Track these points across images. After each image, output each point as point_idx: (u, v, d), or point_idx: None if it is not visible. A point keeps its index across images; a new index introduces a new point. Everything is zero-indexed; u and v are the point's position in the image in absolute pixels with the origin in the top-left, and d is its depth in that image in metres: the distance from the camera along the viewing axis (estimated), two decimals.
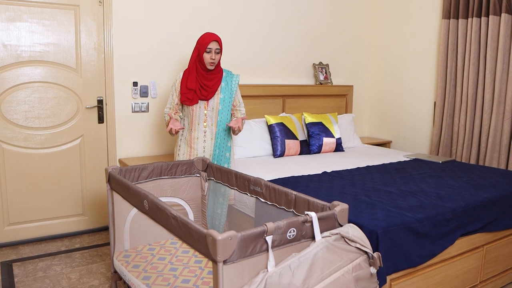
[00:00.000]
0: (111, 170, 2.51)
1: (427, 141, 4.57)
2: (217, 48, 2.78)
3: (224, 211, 2.92)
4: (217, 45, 2.78)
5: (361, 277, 1.74)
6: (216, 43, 2.78)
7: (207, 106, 2.89)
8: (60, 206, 3.51)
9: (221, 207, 2.92)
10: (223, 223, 2.93)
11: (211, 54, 2.77)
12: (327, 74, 4.70)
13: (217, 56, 2.80)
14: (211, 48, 2.77)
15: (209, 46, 2.76)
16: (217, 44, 2.78)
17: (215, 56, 2.78)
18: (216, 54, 2.79)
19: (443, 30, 4.17)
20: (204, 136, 2.91)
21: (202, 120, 2.90)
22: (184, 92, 2.83)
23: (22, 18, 3.19)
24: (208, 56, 2.78)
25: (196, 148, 2.92)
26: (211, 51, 2.77)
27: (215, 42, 2.77)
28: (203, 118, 2.90)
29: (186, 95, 2.83)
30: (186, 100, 2.84)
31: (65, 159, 3.47)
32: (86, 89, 3.49)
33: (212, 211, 2.93)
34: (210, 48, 2.76)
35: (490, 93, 3.86)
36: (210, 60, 2.78)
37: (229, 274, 1.50)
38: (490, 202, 2.51)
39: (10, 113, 3.23)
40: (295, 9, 4.44)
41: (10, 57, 3.19)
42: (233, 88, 2.96)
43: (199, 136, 2.91)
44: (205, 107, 2.89)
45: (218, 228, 2.92)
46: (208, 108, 2.89)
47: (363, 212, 2.20)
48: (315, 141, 3.93)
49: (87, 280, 2.82)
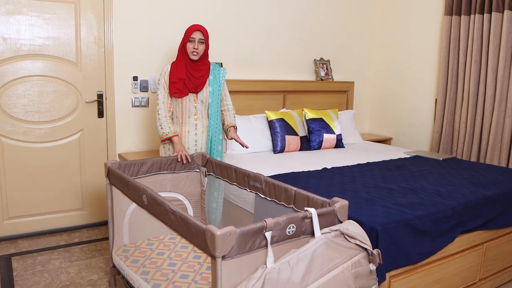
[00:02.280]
0: (110, 164, 2.50)
1: (427, 138, 4.56)
2: (200, 38, 2.76)
3: (219, 205, 2.92)
4: (201, 35, 2.76)
5: (360, 274, 1.74)
6: (199, 33, 2.76)
7: (196, 99, 2.87)
8: (59, 201, 3.50)
9: (216, 201, 2.91)
10: (219, 218, 2.93)
11: (193, 43, 2.76)
12: (328, 70, 4.68)
13: (201, 47, 2.78)
14: (194, 37, 2.75)
15: (192, 35, 2.74)
16: (200, 34, 2.76)
17: (197, 46, 2.76)
18: (200, 44, 2.77)
19: (445, 26, 4.15)
20: (196, 129, 2.89)
21: (192, 113, 2.88)
22: (173, 82, 2.79)
23: (22, 11, 3.17)
24: (191, 46, 2.76)
25: (187, 141, 2.89)
26: (194, 40, 2.75)
27: (198, 32, 2.75)
28: (193, 111, 2.87)
29: (175, 86, 2.79)
30: (176, 92, 2.80)
31: (64, 153, 3.46)
32: (86, 83, 3.47)
33: (208, 205, 2.93)
34: (193, 37, 2.75)
35: (491, 90, 3.85)
36: (193, 49, 2.76)
37: (228, 270, 1.50)
38: (490, 199, 2.50)
39: (9, 107, 3.22)
40: (297, 5, 4.42)
41: (10, 50, 3.17)
42: (221, 81, 2.95)
43: (190, 129, 2.88)
44: (194, 100, 2.86)
45: (214, 222, 2.92)
46: (197, 101, 2.87)
47: (363, 208, 2.19)
48: (315, 137, 3.92)
49: (86, 274, 2.82)
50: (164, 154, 2.97)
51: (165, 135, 2.78)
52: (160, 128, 2.80)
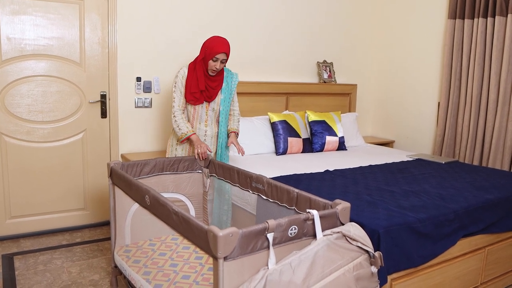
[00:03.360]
0: (113, 165, 2.51)
1: (430, 141, 4.56)
2: (223, 59, 2.75)
3: (230, 207, 2.93)
4: (225, 56, 2.74)
5: (361, 276, 1.74)
6: (224, 55, 2.73)
7: (209, 106, 2.89)
8: (62, 200, 3.51)
9: (227, 204, 2.93)
10: (229, 219, 2.95)
11: (216, 63, 2.74)
12: (331, 73, 4.68)
13: (222, 65, 2.78)
14: (218, 58, 2.72)
15: (217, 56, 2.71)
16: (225, 56, 2.74)
17: (219, 65, 2.76)
18: (221, 64, 2.76)
19: (448, 30, 4.15)
20: (205, 135, 2.92)
21: (203, 120, 2.90)
22: (192, 92, 2.79)
23: (26, 11, 3.19)
24: (213, 64, 2.74)
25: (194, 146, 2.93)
26: (217, 60, 2.73)
27: (223, 54, 2.72)
28: (204, 117, 2.89)
29: (194, 95, 2.80)
30: (192, 100, 2.82)
31: (67, 153, 3.47)
32: (90, 84, 3.48)
33: (218, 208, 2.94)
34: (217, 58, 2.72)
35: (494, 94, 3.84)
36: (214, 68, 2.75)
37: (230, 271, 1.50)
38: (492, 203, 2.50)
39: (13, 106, 3.24)
40: (300, 7, 4.43)
41: (14, 50, 3.19)
42: (232, 88, 2.96)
43: (199, 135, 2.91)
44: (206, 107, 2.88)
45: (226, 224, 2.94)
46: (209, 108, 2.89)
47: (365, 211, 2.19)
48: (318, 140, 3.92)
49: (87, 274, 2.82)
50: (170, 154, 2.99)
51: (184, 135, 2.79)
52: (178, 129, 2.80)
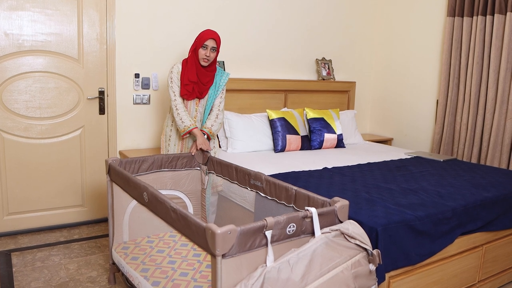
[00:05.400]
0: (111, 161, 2.50)
1: (428, 139, 4.56)
2: (213, 46, 2.78)
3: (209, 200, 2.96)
4: (214, 43, 2.78)
5: (360, 274, 1.74)
6: (213, 41, 2.77)
7: (199, 103, 2.91)
8: (60, 197, 3.50)
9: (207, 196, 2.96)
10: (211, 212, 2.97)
11: (206, 50, 2.78)
12: (330, 70, 4.68)
13: (212, 54, 2.80)
14: (207, 45, 2.77)
15: (206, 42, 2.76)
16: (213, 42, 2.78)
17: (209, 54, 2.78)
18: (211, 52, 2.79)
19: (447, 28, 4.15)
20: None
21: (193, 116, 2.92)
22: (185, 84, 2.81)
23: (24, 7, 3.17)
24: (203, 52, 2.78)
25: (186, 141, 2.97)
26: (207, 47, 2.77)
27: (212, 40, 2.77)
28: (193, 114, 2.91)
29: (186, 88, 2.82)
30: (186, 94, 2.83)
31: (65, 149, 3.46)
32: (88, 80, 3.47)
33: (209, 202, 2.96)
34: (206, 44, 2.77)
35: (493, 92, 3.85)
36: (204, 56, 2.78)
37: (228, 268, 1.50)
38: (490, 201, 2.50)
39: (11, 102, 3.22)
40: (299, 4, 4.41)
41: (12, 46, 3.17)
42: (220, 85, 2.96)
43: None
44: (196, 103, 2.91)
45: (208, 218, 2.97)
46: (199, 105, 2.92)
47: (363, 208, 2.19)
48: (316, 137, 3.92)
49: (85, 271, 2.82)
50: (165, 150, 2.99)
51: (187, 128, 2.80)
52: (181, 122, 2.80)
